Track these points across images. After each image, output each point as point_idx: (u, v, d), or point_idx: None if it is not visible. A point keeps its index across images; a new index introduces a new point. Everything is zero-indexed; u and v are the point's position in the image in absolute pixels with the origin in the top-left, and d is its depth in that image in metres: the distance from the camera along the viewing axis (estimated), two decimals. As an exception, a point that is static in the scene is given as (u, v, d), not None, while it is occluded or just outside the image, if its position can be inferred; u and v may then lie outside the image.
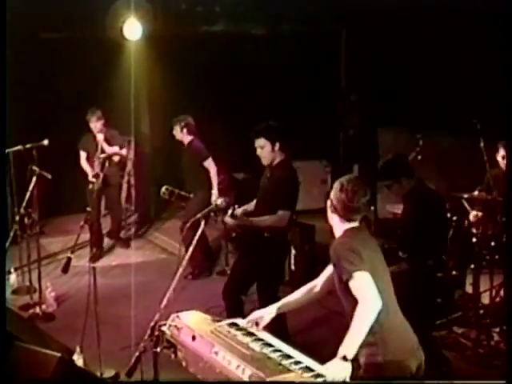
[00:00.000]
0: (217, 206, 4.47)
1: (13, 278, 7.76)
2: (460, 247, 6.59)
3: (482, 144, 6.49)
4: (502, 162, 6.76)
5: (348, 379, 3.52)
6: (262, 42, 10.44)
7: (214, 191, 8.17)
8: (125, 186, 10.03)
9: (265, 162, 5.89)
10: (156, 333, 4.06)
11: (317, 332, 6.63)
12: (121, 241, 9.40)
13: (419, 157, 7.21)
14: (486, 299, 6.66)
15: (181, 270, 4.28)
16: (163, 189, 8.32)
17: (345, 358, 3.52)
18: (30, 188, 6.97)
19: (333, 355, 3.60)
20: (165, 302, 4.26)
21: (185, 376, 4.00)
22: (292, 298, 4.24)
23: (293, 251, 7.68)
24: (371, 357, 3.75)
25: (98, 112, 8.65)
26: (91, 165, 8.65)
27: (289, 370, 3.49)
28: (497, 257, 6.52)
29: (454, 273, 6.52)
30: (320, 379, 3.43)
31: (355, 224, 3.92)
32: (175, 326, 3.98)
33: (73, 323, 6.66)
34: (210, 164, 8.21)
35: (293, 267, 7.72)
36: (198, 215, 4.36)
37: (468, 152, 7.55)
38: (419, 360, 3.87)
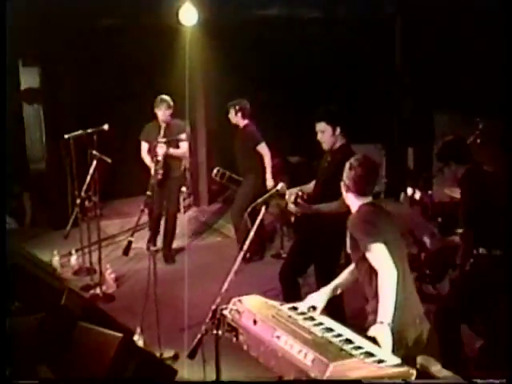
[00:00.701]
0: (277, 191, 4.51)
1: (74, 260, 7.97)
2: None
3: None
4: None
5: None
6: (317, 26, 10.37)
7: (268, 176, 8.21)
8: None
9: (325, 146, 5.89)
10: (217, 316, 4.14)
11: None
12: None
13: (478, 140, 7.08)
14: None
15: (242, 253, 4.34)
16: (215, 170, 8.49)
17: (382, 323, 3.82)
18: (91, 172, 7.13)
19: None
20: (226, 285, 4.34)
21: (246, 359, 4.08)
22: (342, 277, 4.44)
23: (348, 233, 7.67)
24: (371, 324, 3.98)
25: (168, 100, 8.11)
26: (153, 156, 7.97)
27: (350, 355, 3.54)
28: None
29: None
30: (382, 364, 3.47)
31: (369, 199, 4.27)
32: (236, 310, 4.05)
33: (132, 304, 6.82)
34: (263, 148, 8.24)
35: (348, 250, 7.71)
36: (259, 200, 4.40)
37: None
38: (418, 332, 4.11)
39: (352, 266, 4.42)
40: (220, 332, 4.04)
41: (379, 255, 3.99)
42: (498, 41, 8.55)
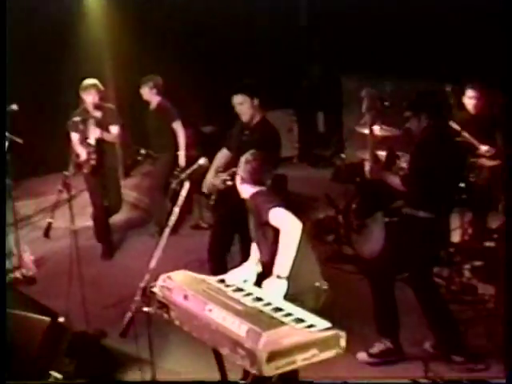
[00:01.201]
0: (200, 166, 4.55)
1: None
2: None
3: (449, 88, 6.62)
4: (470, 103, 6.86)
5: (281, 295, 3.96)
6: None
7: (181, 152, 8.11)
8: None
9: (244, 118, 5.94)
10: (147, 294, 4.18)
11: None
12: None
13: (386, 103, 7.26)
14: (455, 238, 6.92)
15: (168, 230, 4.38)
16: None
17: (279, 277, 4.01)
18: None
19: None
20: (153, 262, 4.38)
21: (178, 334, 4.15)
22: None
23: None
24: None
25: (96, 83, 7.38)
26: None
27: (282, 323, 3.64)
28: (464, 196, 6.73)
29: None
30: (313, 329, 3.60)
31: (264, 188, 4.43)
32: (166, 287, 4.09)
33: (54, 285, 6.74)
34: (178, 126, 8.15)
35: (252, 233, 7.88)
36: (182, 176, 4.44)
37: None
38: (315, 296, 4.28)
39: None
40: (152, 309, 4.10)
41: (282, 214, 4.15)
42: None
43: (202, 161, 4.57)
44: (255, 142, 5.75)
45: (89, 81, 7.37)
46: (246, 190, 4.48)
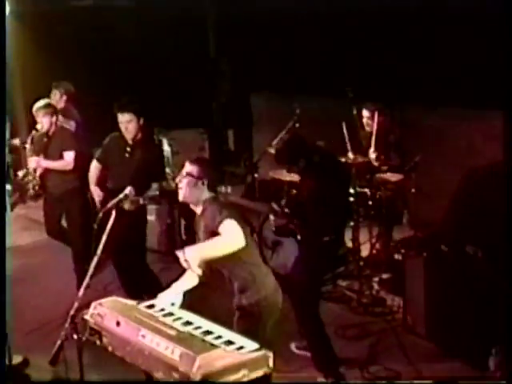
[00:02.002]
0: (126, 196, 4.65)
1: None
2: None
3: (354, 112, 7.00)
4: (368, 123, 7.28)
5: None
6: (129, 14, 10.52)
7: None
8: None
9: (129, 136, 6.05)
10: (77, 321, 4.29)
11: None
12: None
13: (297, 124, 7.58)
14: (364, 252, 7.30)
15: (96, 259, 4.49)
16: None
17: (186, 261, 4.17)
18: None
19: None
20: (82, 290, 4.48)
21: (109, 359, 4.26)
22: (187, 276, 4.61)
23: (183, 222, 8.03)
24: (251, 297, 4.44)
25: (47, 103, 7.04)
26: None
27: (213, 346, 3.82)
28: (372, 212, 7.13)
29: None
30: (243, 350, 3.80)
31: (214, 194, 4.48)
32: (98, 314, 4.20)
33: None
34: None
35: (184, 237, 8.07)
36: (109, 205, 4.55)
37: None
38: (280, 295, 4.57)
39: None
40: (84, 336, 4.20)
41: (232, 226, 4.18)
42: (317, 27, 9.10)
43: (128, 190, 4.68)
44: (144, 161, 5.99)
45: (40, 102, 6.98)
46: (198, 199, 4.45)
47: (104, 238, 4.45)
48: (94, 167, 6.43)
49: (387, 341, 5.96)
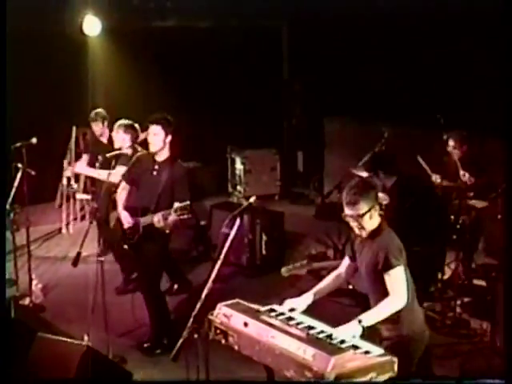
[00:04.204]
0: (250, 204, 4.85)
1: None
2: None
3: (445, 137, 7.19)
4: (453, 151, 7.50)
5: (356, 338, 4.15)
6: (210, 35, 10.84)
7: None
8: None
9: (153, 148, 6.27)
10: (204, 320, 4.49)
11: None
12: None
13: (383, 147, 7.75)
14: (446, 275, 7.46)
15: (219, 262, 4.69)
16: None
17: (360, 322, 4.23)
18: (15, 184, 7.15)
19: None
20: (205, 291, 4.67)
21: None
22: (325, 283, 4.77)
23: (264, 237, 8.21)
24: (396, 331, 4.45)
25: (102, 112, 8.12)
26: None
27: (340, 349, 4.00)
28: (454, 237, 7.27)
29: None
30: (370, 355, 3.98)
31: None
32: (224, 314, 4.41)
33: (63, 313, 7.02)
34: None
35: (264, 252, 8.25)
36: (235, 212, 4.76)
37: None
38: (425, 340, 4.59)
39: (336, 272, 4.80)
40: (210, 335, 4.41)
41: (399, 279, 4.34)
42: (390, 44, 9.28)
43: (252, 199, 4.88)
44: (169, 180, 6.16)
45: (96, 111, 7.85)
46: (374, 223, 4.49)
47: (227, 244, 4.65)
48: (122, 188, 6.55)
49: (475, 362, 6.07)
